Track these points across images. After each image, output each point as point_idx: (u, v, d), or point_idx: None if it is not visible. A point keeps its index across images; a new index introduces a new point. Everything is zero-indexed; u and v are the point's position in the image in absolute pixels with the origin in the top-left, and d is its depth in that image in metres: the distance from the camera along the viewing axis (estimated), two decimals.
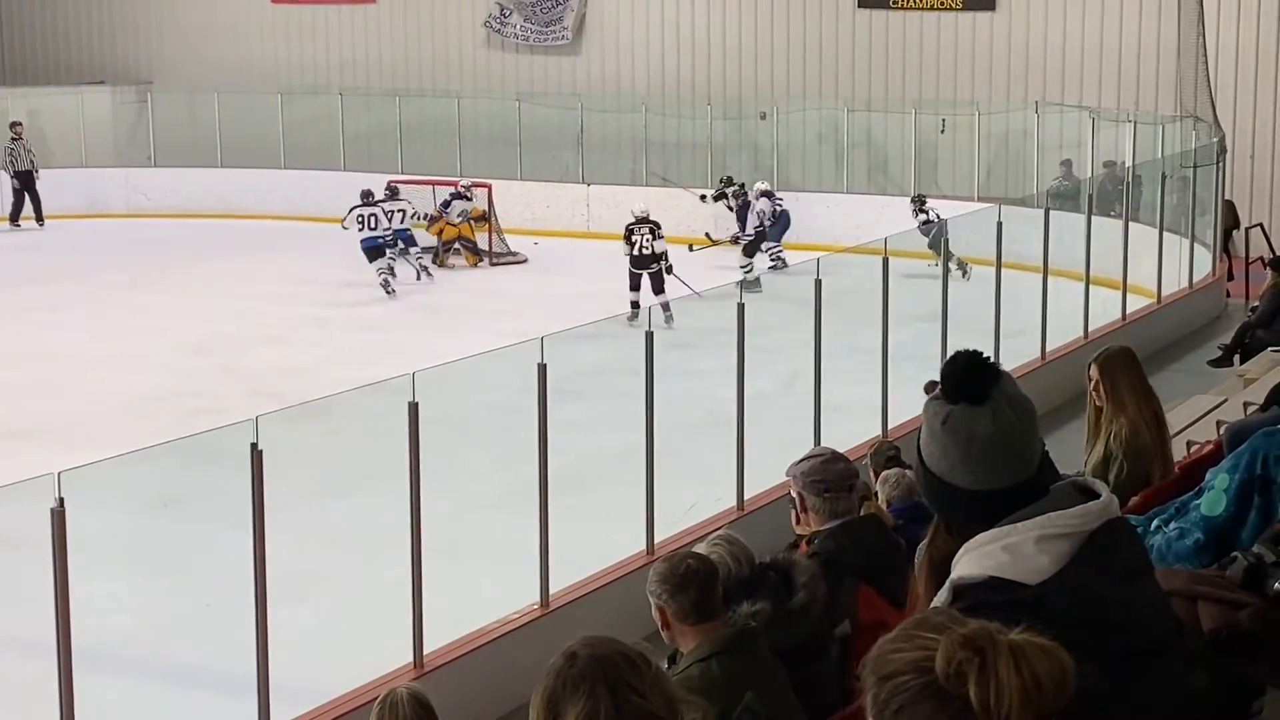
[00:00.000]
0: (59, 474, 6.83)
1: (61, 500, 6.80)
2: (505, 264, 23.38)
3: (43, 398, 15.69)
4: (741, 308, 10.79)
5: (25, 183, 26.28)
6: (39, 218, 26.14)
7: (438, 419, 9.04)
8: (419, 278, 21.53)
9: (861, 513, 5.90)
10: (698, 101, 26.37)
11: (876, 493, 7.22)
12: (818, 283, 11.46)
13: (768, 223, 22.35)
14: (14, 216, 26.06)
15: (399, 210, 22.11)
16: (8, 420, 14.79)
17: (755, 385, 11.15)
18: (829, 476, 5.65)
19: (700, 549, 5.09)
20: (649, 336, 10.03)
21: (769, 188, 22.85)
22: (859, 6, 25.62)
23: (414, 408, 8.30)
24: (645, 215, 19.79)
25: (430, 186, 24.49)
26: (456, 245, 23.35)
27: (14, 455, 13.33)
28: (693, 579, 4.69)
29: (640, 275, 19.10)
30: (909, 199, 22.18)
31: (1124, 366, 6.54)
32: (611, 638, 3.32)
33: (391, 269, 21.03)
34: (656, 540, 9.83)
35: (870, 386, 12.27)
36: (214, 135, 28.32)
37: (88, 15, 31.46)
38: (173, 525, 11.42)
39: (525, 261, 23.44)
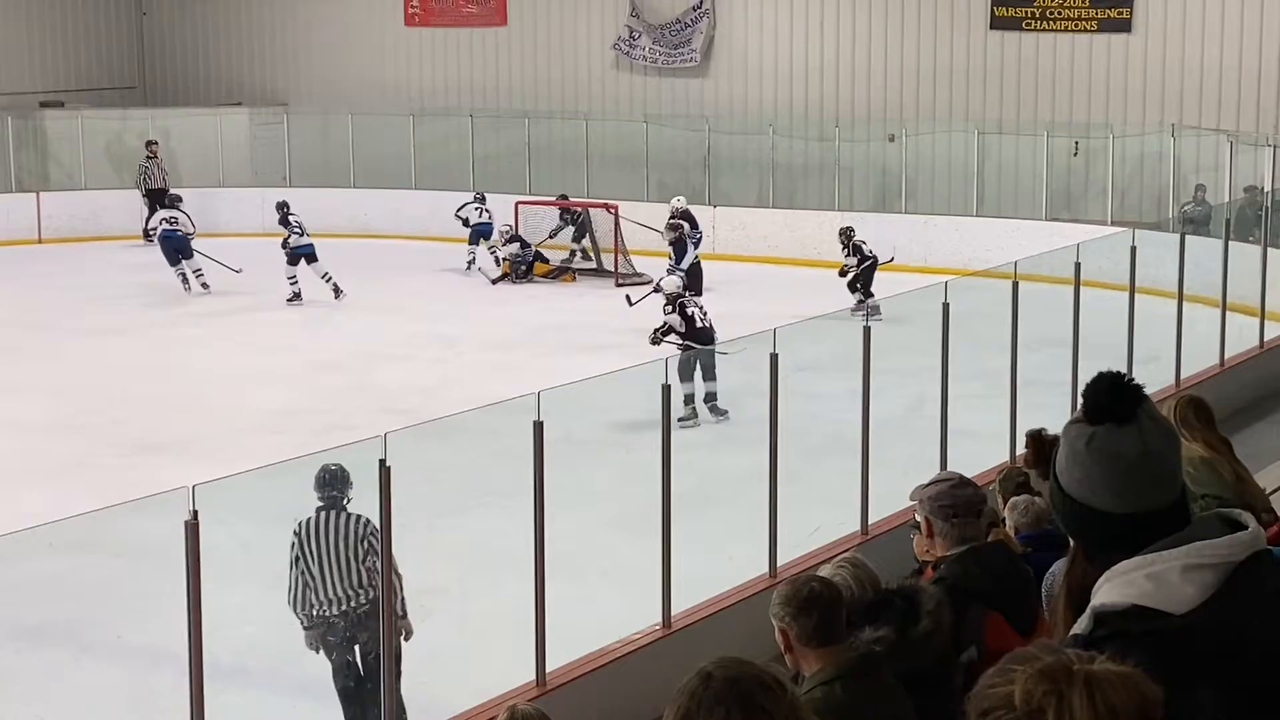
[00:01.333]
0: (193, 487, 6.95)
1: (195, 513, 6.92)
2: (631, 285, 23.43)
3: (181, 412, 15.99)
4: (867, 331, 10.73)
5: (157, 200, 26.82)
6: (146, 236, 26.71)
7: (562, 438, 9.08)
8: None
9: (989, 539, 5.84)
10: (825, 123, 26.31)
11: (1004, 519, 7.14)
12: (945, 306, 11.37)
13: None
14: (147, 233, 26.60)
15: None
16: (149, 434, 15.09)
17: (881, 409, 11.08)
18: (957, 501, 5.60)
19: (825, 571, 5.07)
20: (773, 359, 10.01)
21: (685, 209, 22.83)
22: (991, 28, 25.41)
23: (539, 426, 8.34)
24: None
25: (556, 207, 24.69)
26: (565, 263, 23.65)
27: (154, 469, 13.62)
28: (816, 602, 4.67)
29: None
30: (838, 231, 21.75)
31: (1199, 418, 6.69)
32: (746, 660, 3.30)
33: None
34: (779, 563, 9.79)
35: (997, 412, 12.14)
36: (347, 156, 28.76)
37: (227, 38, 32.07)
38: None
39: (651, 282, 23.47)
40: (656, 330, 16.03)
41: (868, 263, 20.82)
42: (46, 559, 9.88)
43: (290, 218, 22.15)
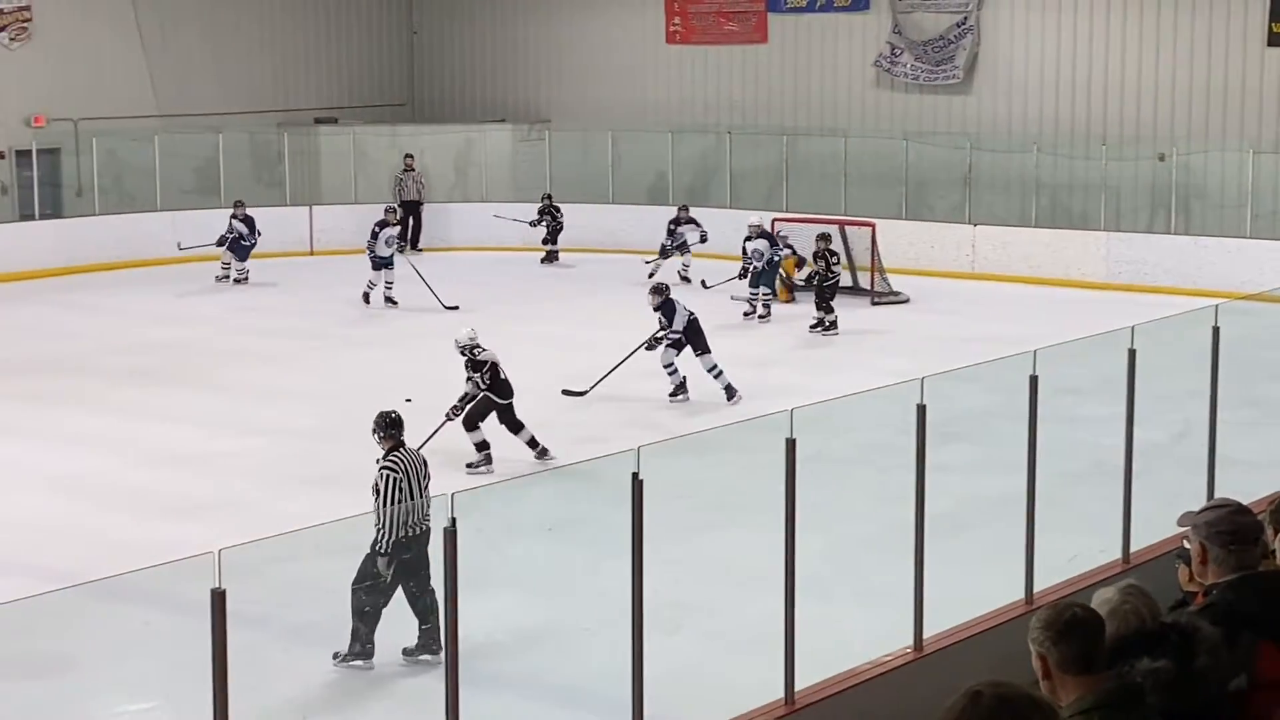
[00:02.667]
0: (453, 495, 7.09)
1: (454, 520, 7.06)
2: (887, 303, 23.25)
3: (434, 421, 16.32)
4: (1133, 354, 10.45)
5: (411, 212, 27.52)
6: (414, 243, 27.49)
7: (815, 456, 9.04)
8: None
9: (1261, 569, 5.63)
10: (1091, 141, 25.75)
11: (1275, 550, 6.88)
12: (1215, 330, 11.01)
13: (758, 264, 22.06)
14: (402, 239, 27.25)
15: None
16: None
17: (1144, 434, 10.78)
18: (1237, 528, 5.42)
19: (1107, 595, 4.95)
20: (1033, 381, 9.81)
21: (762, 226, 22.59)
22: (1268, 44, 24.55)
23: (791, 444, 8.31)
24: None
25: (812, 225, 24.60)
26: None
27: None
28: (1077, 628, 4.56)
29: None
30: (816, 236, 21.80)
31: None
32: (1014, 683, 3.23)
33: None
34: (1035, 589, 9.59)
35: (1269, 441, 11.71)
36: (606, 172, 29.13)
37: (493, 57, 32.75)
38: (555, 549, 11.72)
39: (907, 301, 23.26)
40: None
41: (832, 279, 20.95)
42: (313, 561, 10.19)
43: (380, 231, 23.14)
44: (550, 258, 27.00)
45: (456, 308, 21.27)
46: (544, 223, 27.00)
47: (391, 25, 33.37)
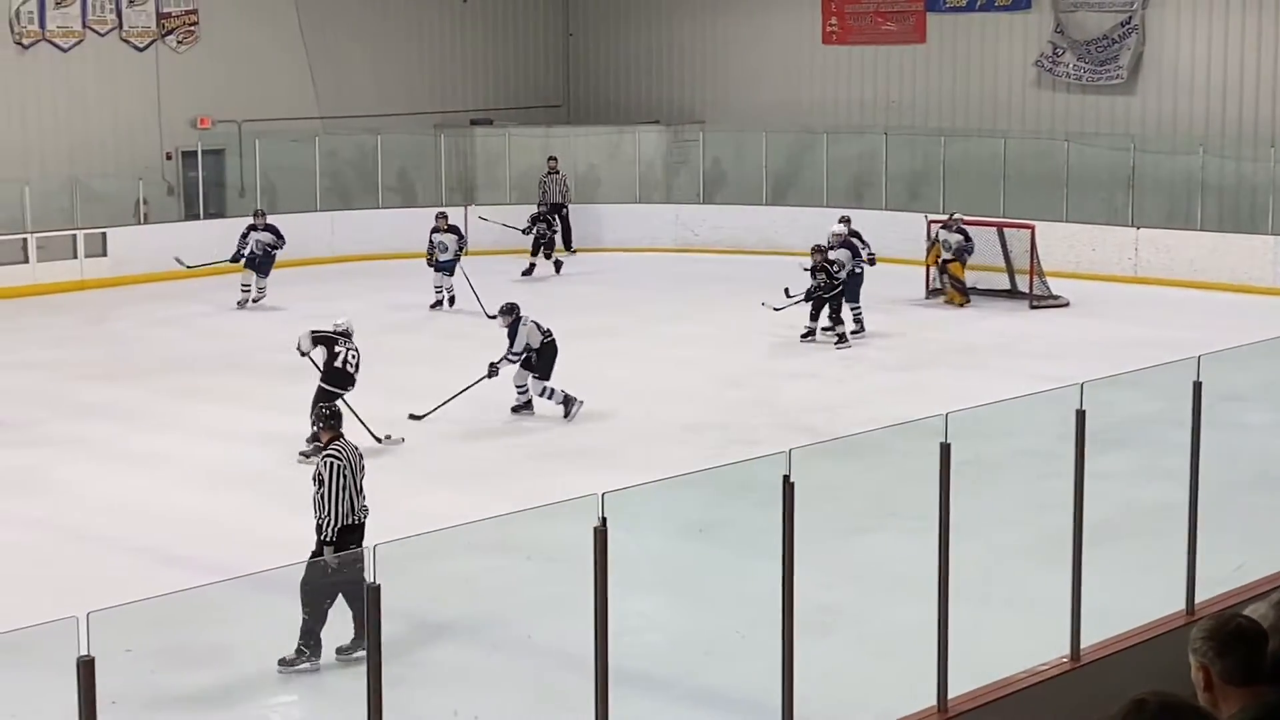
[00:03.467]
0: (602, 495, 7.10)
1: (604, 520, 7.07)
2: (1046, 307, 22.90)
3: (592, 421, 16.41)
4: None
5: (555, 214, 27.53)
6: (568, 245, 27.40)
7: (970, 461, 8.92)
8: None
9: None
10: (1259, 143, 25.13)
11: None
12: None
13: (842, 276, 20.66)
14: (567, 246, 27.37)
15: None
16: (561, 441, 15.55)
17: None
18: None
19: (1262, 608, 4.81)
20: (1197, 387, 9.59)
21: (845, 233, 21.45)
22: None
23: (946, 449, 8.21)
24: None
25: (970, 227, 24.30)
26: (943, 282, 23.16)
27: (565, 475, 14.04)
28: (1241, 639, 4.46)
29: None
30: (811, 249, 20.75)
31: None
32: (1178, 694, 3.15)
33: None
34: (1197, 600, 9.37)
35: None
36: (760, 173, 29.06)
37: (647, 58, 32.84)
38: (706, 550, 11.70)
39: (1067, 305, 22.89)
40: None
41: (836, 288, 20.03)
42: (463, 558, 10.26)
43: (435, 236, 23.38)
44: (529, 271, 25.75)
45: (495, 317, 20.35)
46: (535, 230, 26.00)
47: (547, 28, 33.60)
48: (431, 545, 8.38)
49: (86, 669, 5.88)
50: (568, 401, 16.53)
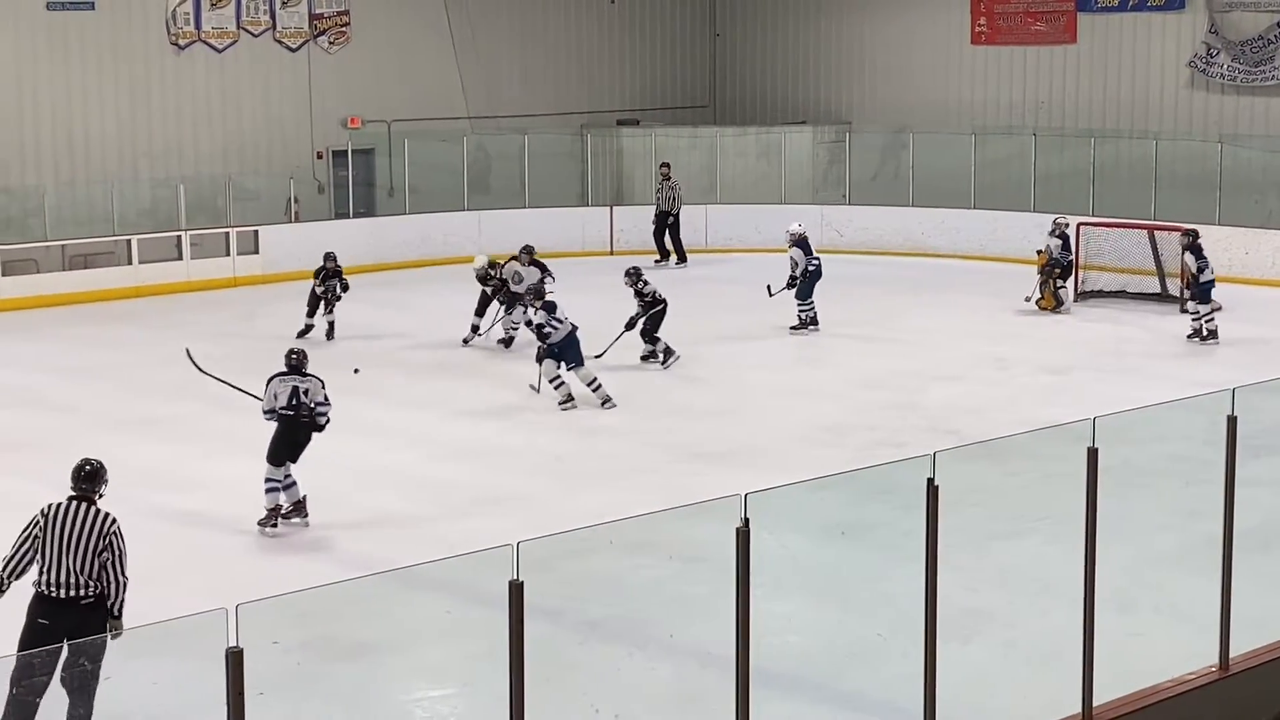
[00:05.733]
0: (745, 495, 7.10)
1: (747, 520, 7.07)
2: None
3: (735, 423, 16.40)
4: None
5: (662, 223, 27.37)
6: (681, 256, 27.20)
7: (1117, 466, 8.79)
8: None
9: None
10: None
11: None
12: None
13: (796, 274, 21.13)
14: (661, 253, 27.18)
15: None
16: (704, 442, 15.57)
17: None
18: None
19: None
20: None
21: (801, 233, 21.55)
22: None
23: (1093, 453, 8.11)
24: None
25: (1120, 230, 23.94)
26: (1043, 289, 22.73)
27: (708, 476, 14.05)
28: None
29: None
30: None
31: None
32: None
33: None
34: None
35: None
36: (907, 175, 28.85)
37: (794, 59, 32.75)
38: (848, 553, 11.64)
39: (1219, 309, 22.43)
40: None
41: (658, 307, 19.25)
42: (608, 556, 10.32)
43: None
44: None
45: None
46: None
47: (695, 28, 33.64)
48: (575, 543, 8.44)
49: (235, 660, 6.00)
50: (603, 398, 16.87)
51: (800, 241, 21.45)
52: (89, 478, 9.05)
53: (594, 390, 16.95)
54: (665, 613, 10.38)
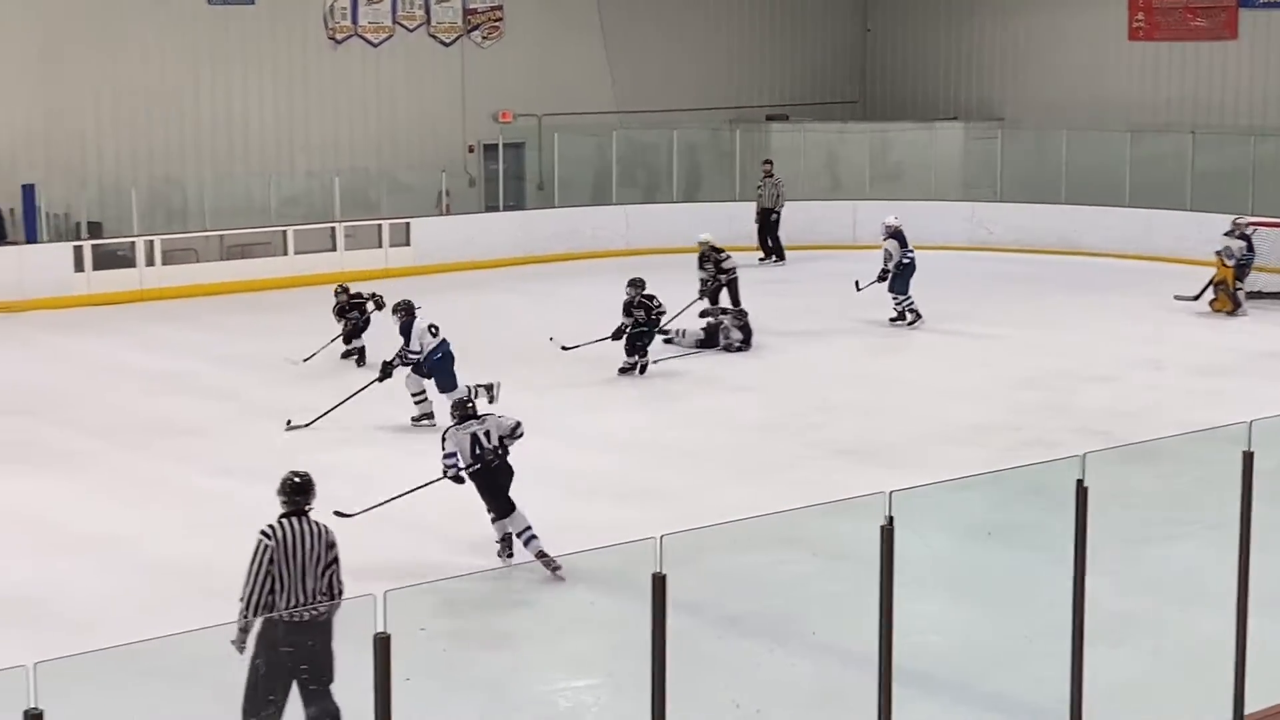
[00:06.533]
0: (890, 493, 7.05)
1: (891, 519, 7.02)
2: None
3: (879, 420, 16.29)
4: None
5: (763, 220, 27.17)
6: (778, 254, 26.96)
7: (1273, 470, 8.59)
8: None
9: None
10: None
11: None
12: None
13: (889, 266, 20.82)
14: (763, 250, 27.01)
15: None
16: (848, 439, 15.48)
17: None
18: None
19: None
20: None
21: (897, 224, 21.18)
22: None
23: (1249, 457, 7.94)
24: None
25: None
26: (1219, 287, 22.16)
27: (852, 473, 13.97)
28: None
29: None
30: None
31: None
32: None
33: None
34: None
35: None
36: (1059, 172, 28.43)
37: (946, 55, 32.44)
38: (993, 554, 11.51)
39: None
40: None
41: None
42: (749, 552, 10.31)
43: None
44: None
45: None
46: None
47: (845, 23, 33.47)
48: (718, 538, 8.44)
49: (383, 645, 6.08)
50: (489, 387, 15.62)
51: (896, 234, 21.33)
52: (302, 490, 8.49)
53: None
54: (807, 609, 10.35)
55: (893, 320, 21.11)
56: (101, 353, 19.88)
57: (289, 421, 15.81)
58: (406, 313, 16.28)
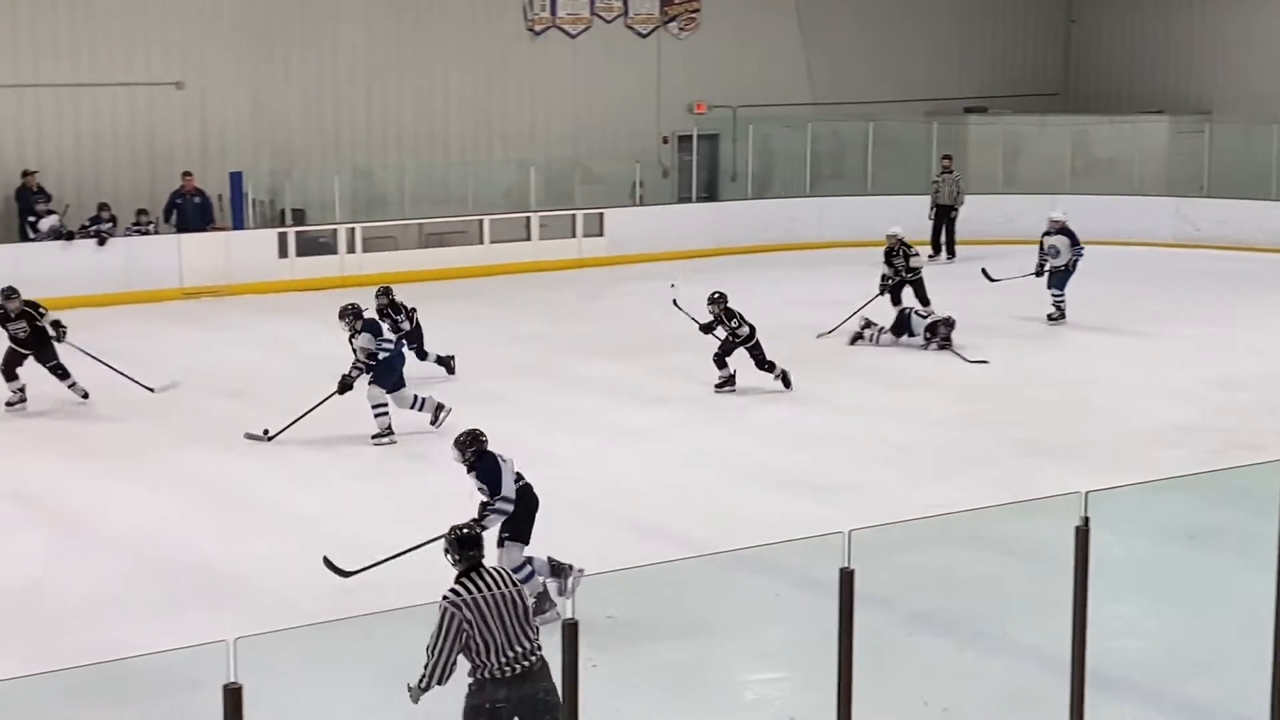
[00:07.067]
0: (1086, 494, 6.91)
1: (1086, 519, 6.88)
2: None
3: (1075, 419, 15.98)
4: None
5: (943, 217, 26.64)
6: (950, 251, 26.48)
7: None
8: None
9: None
10: None
11: None
12: None
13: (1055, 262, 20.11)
14: (935, 247, 26.47)
15: None
16: (1044, 437, 15.21)
17: None
18: None
19: None
20: None
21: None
22: None
23: None
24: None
25: None
26: None
27: (1046, 472, 13.72)
28: None
29: None
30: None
31: None
32: None
33: None
34: None
35: None
36: (1270, 166, 27.62)
37: (1153, 46, 31.71)
38: (1194, 558, 11.22)
39: None
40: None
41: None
42: (942, 549, 10.18)
43: None
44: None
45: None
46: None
47: (1049, 15, 32.91)
48: (909, 534, 8.36)
49: (570, 631, 6.12)
50: (437, 409, 15.29)
51: (1064, 229, 20.79)
52: (475, 543, 7.84)
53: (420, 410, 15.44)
54: (998, 609, 10.19)
55: (1051, 319, 20.59)
56: (303, 337, 20.34)
57: (265, 431, 14.99)
58: (355, 317, 15.14)
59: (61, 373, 16.36)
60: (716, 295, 16.79)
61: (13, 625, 10.54)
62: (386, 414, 15.10)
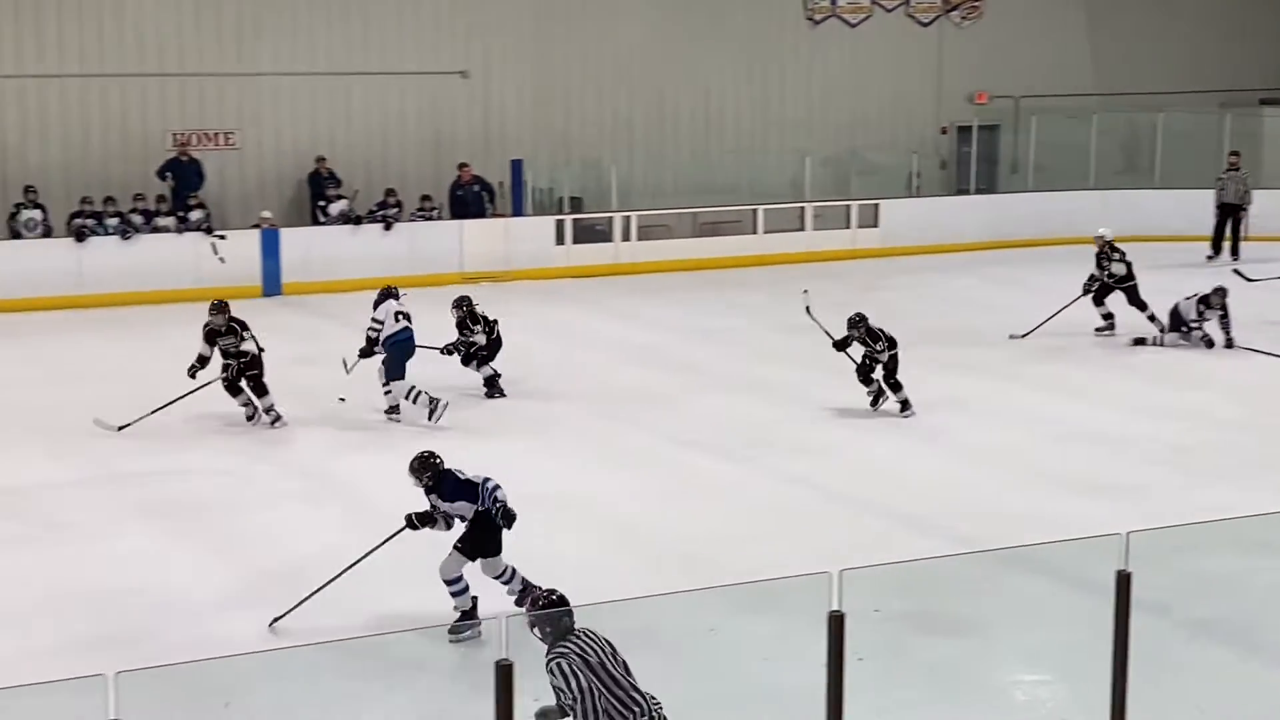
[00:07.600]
0: None
1: None
2: None
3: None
4: None
5: (1230, 216, 25.41)
6: (1234, 251, 25.16)
7: None
8: None
9: None
10: None
11: None
12: None
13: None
14: (1215, 247, 25.31)
15: None
16: None
17: None
18: None
19: None
20: None
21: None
22: None
23: None
24: None
25: None
26: None
27: None
28: None
29: None
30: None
31: None
32: None
33: None
34: None
35: None
36: None
37: None
38: None
39: None
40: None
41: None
42: (1226, 555, 9.85)
43: None
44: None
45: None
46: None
47: None
48: (1190, 538, 8.10)
49: (836, 623, 6.09)
50: (432, 403, 14.96)
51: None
52: (570, 615, 7.20)
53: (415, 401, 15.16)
54: None
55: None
56: (578, 323, 20.63)
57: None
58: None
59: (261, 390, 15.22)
60: (857, 318, 16.20)
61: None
62: (402, 396, 15.06)
